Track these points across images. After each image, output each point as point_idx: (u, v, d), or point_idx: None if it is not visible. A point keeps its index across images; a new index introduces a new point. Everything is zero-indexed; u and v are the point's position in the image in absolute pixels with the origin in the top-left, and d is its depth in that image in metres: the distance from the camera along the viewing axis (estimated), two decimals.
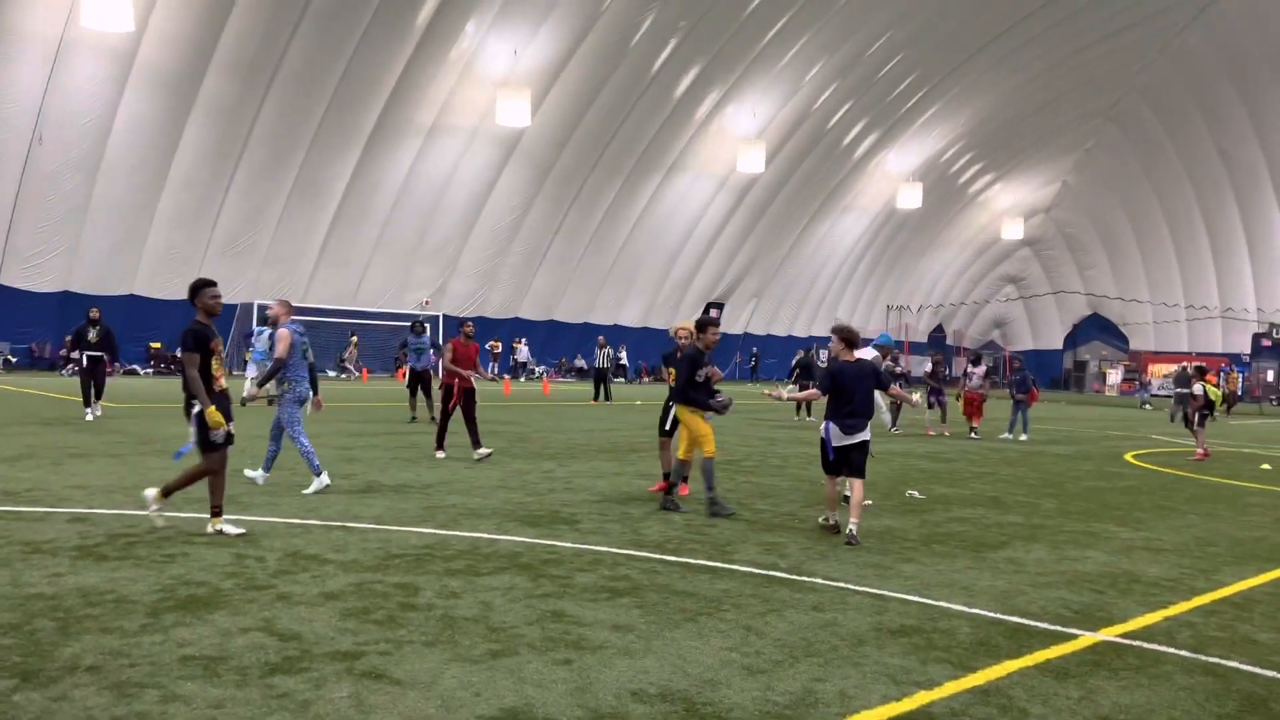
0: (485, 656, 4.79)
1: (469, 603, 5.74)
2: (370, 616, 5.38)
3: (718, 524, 8.71)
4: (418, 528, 7.96)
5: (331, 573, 6.33)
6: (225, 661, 4.57)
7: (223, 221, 35.32)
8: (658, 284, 48.72)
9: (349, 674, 4.47)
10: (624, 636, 5.21)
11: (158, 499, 7.49)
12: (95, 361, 16.51)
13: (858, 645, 5.22)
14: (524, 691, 4.35)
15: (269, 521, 7.98)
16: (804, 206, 50.70)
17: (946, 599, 6.30)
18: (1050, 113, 51.49)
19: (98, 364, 16.54)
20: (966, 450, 17.37)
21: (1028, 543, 8.43)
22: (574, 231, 44.06)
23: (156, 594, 5.66)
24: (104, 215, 32.76)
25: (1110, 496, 11.75)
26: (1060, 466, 15.10)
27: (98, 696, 4.09)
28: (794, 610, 5.86)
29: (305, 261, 38.01)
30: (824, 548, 7.81)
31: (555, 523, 8.43)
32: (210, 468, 7.42)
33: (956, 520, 9.46)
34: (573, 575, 6.53)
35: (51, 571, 6.10)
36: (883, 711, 4.27)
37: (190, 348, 7.41)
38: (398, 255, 39.92)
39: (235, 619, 5.23)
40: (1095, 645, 5.42)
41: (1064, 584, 6.90)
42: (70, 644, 4.73)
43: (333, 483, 9.90)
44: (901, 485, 11.92)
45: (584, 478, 11.39)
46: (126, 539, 7.10)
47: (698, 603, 5.95)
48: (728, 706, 4.26)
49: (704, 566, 6.96)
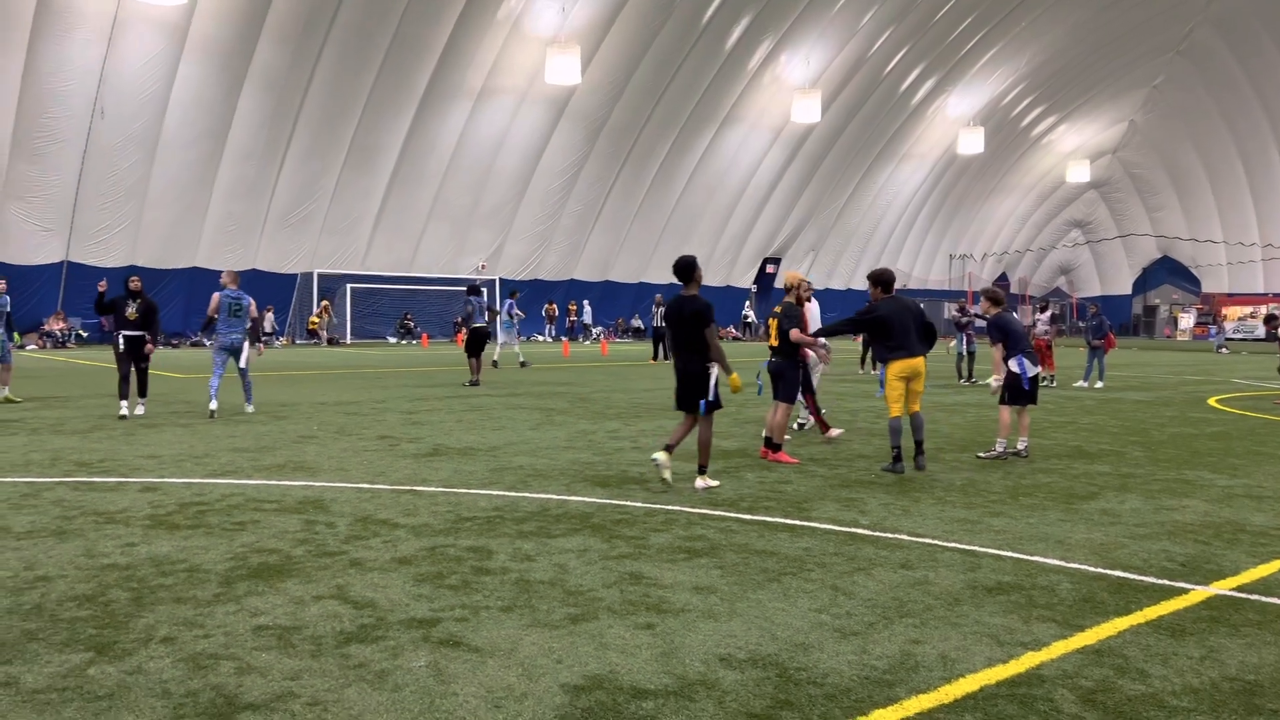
0: (564, 621, 4.61)
1: (543, 565, 5.57)
2: (444, 582, 5.23)
3: (792, 481, 8.45)
4: (486, 490, 7.83)
5: (403, 537, 6.20)
6: (299, 631, 4.45)
7: (280, 192, 35.56)
8: (713, 240, 48.16)
9: (426, 642, 4.32)
10: (706, 598, 5.00)
11: (700, 479, 8.04)
12: (136, 344, 12.93)
13: (953, 604, 4.95)
14: (607, 658, 4.16)
15: (337, 487, 7.90)
16: (861, 156, 49.64)
17: (1041, 553, 5.98)
18: (1116, 49, 49.61)
19: (139, 346, 12.94)
20: (1042, 399, 16.79)
21: (1120, 493, 8.05)
22: (627, 190, 43.64)
23: (228, 563, 5.58)
24: (164, 189, 33.17)
25: (1199, 443, 11.25)
26: (1141, 413, 14.55)
27: (173, 669, 3.98)
28: (882, 569, 5.60)
29: (362, 230, 38.17)
30: (905, 503, 7.52)
31: (625, 483, 8.24)
32: (711, 428, 8.15)
33: (1042, 471, 9.09)
34: (647, 536, 6.33)
35: (125, 541, 6.06)
36: (990, 674, 4.01)
37: (711, 320, 7.97)
38: (453, 220, 39.92)
39: (308, 587, 5.12)
40: (1209, 600, 5.08)
41: (1165, 535, 6.54)
42: (144, 615, 4.65)
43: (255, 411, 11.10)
44: (978, 437, 11.54)
45: (649, 437, 11.19)
46: (197, 507, 7.06)
47: (780, 562, 5.71)
48: (823, 671, 4.03)
49: (782, 525, 6.72)
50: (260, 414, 13.06)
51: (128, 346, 12.94)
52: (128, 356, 12.92)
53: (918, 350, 9.23)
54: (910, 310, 9.38)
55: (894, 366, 9.18)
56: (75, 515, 6.78)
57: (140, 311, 12.93)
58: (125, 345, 12.92)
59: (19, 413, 13.09)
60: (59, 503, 7.22)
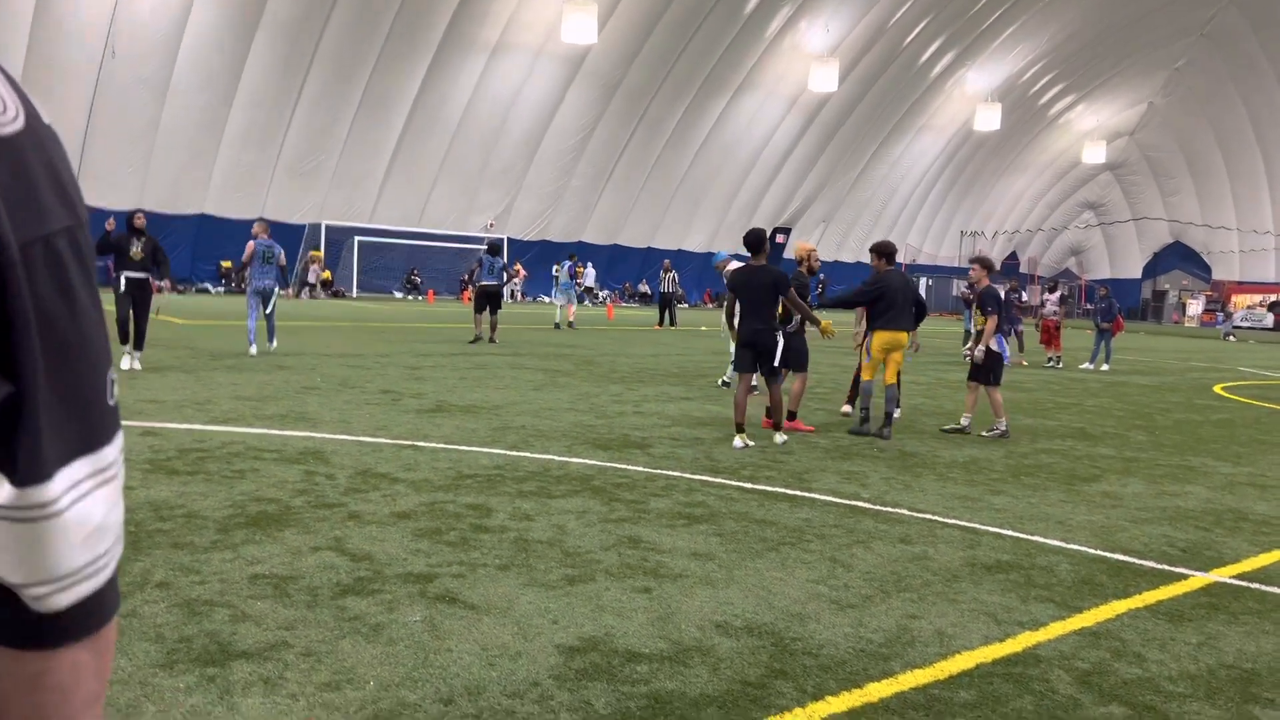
0: (561, 582, 4.60)
1: (542, 526, 5.56)
2: (443, 538, 5.22)
3: (794, 451, 8.43)
4: (488, 448, 7.81)
5: (402, 492, 6.19)
6: (296, 581, 4.44)
7: (290, 141, 35.35)
8: (723, 208, 47.92)
9: (422, 597, 4.31)
10: (704, 565, 4.98)
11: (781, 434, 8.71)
12: (138, 286, 11.96)
13: (952, 581, 4.93)
14: (603, 620, 4.15)
15: (338, 439, 7.89)
16: (877, 127, 49.23)
17: (1042, 533, 5.96)
18: (1139, 29, 48.99)
19: (142, 289, 12.00)
20: (1047, 380, 16.80)
21: (1122, 476, 8.01)
22: (639, 153, 43.35)
23: (227, 510, 5.57)
24: (174, 133, 32.97)
25: (1204, 430, 11.21)
26: (1147, 398, 14.49)
27: (167, 614, 3.98)
28: (881, 542, 5.58)
29: (371, 183, 37.99)
30: (907, 478, 7.49)
31: (626, 446, 8.21)
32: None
33: (1044, 451, 9.06)
34: (647, 500, 6.31)
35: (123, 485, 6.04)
36: (986, 652, 3.99)
37: (790, 285, 8.63)
38: (463, 177, 39.70)
39: (306, 537, 5.11)
40: (1208, 587, 5.06)
41: (1165, 520, 6.51)
42: (141, 559, 4.64)
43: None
44: (982, 414, 11.49)
45: (653, 402, 11.16)
46: (197, 453, 7.05)
47: (779, 532, 5.69)
48: (819, 643, 4.01)
49: (782, 495, 6.70)
50: (263, 363, 13.05)
51: (129, 288, 11.89)
52: (128, 299, 11.88)
53: (905, 325, 9.73)
54: (908, 285, 9.90)
55: (881, 336, 9.66)
56: None
57: (145, 251, 11.97)
58: (127, 287, 11.86)
59: None
60: None
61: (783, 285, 8.52)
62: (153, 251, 12.09)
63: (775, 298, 8.55)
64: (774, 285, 8.50)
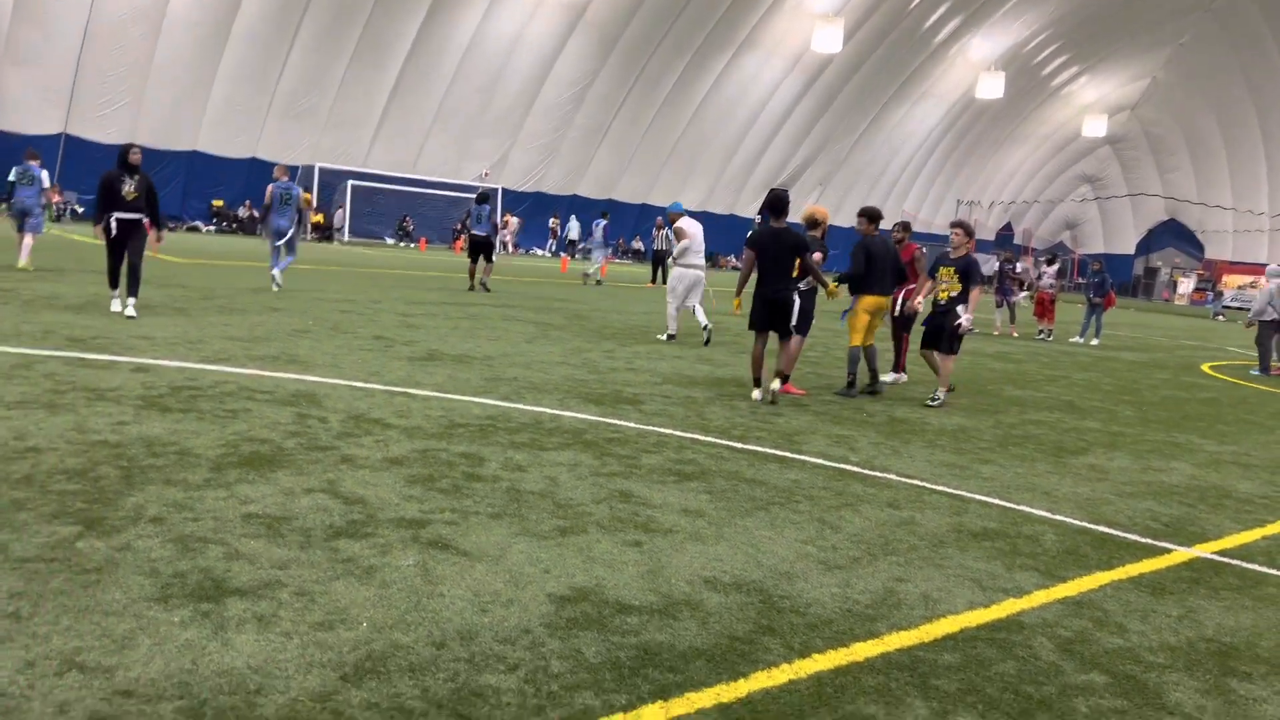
0: (553, 533, 4.63)
1: (535, 477, 5.58)
2: (435, 485, 5.24)
3: (784, 413, 8.47)
4: (480, 398, 7.82)
5: (395, 438, 6.20)
6: (289, 522, 4.46)
7: (284, 81, 34.92)
8: (720, 167, 47.66)
9: (415, 542, 4.34)
10: (694, 521, 5.02)
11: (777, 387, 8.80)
12: (131, 228, 10.95)
13: (938, 546, 4.98)
14: (594, 571, 4.18)
15: (331, 383, 7.88)
16: (879, 91, 48.89)
17: (1028, 503, 6.02)
18: (1145, 2, 48.59)
19: (134, 231, 10.98)
20: (1036, 352, 16.87)
21: (1109, 450, 8.09)
22: (637, 109, 42.98)
23: (219, 449, 5.57)
24: (168, 67, 32.51)
25: (1190, 407, 11.30)
26: (1134, 374, 14.58)
27: (161, 549, 3.99)
28: (869, 506, 5.63)
29: (366, 127, 37.61)
30: (895, 444, 7.54)
31: (618, 402, 8.23)
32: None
33: (1033, 423, 9.12)
34: (638, 456, 6.34)
35: (116, 420, 6.04)
36: (970, 617, 4.05)
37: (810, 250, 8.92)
38: (458, 125, 39.33)
39: (299, 479, 5.12)
40: (1191, 562, 5.13)
41: (1150, 495, 6.58)
42: (134, 493, 4.65)
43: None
44: (973, 384, 11.56)
45: (644, 359, 11.17)
46: (190, 392, 7.04)
47: (768, 492, 5.74)
48: (806, 602, 4.06)
49: (772, 455, 6.74)
50: (254, 304, 12.99)
51: (121, 231, 10.88)
52: (120, 242, 10.92)
53: (889, 289, 10.07)
54: (889, 250, 10.17)
55: (868, 300, 9.92)
56: (66, 390, 6.76)
57: (140, 190, 10.95)
58: (118, 229, 10.86)
59: (11, 283, 12.98)
60: (50, 376, 7.19)
61: (803, 248, 8.82)
62: (146, 191, 11.04)
63: (794, 259, 8.79)
64: (795, 247, 8.77)
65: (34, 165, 16.06)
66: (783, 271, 8.80)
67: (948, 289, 9.60)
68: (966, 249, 9.72)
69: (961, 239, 9.73)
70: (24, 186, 15.86)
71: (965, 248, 9.71)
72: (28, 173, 15.89)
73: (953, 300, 9.53)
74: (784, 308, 8.83)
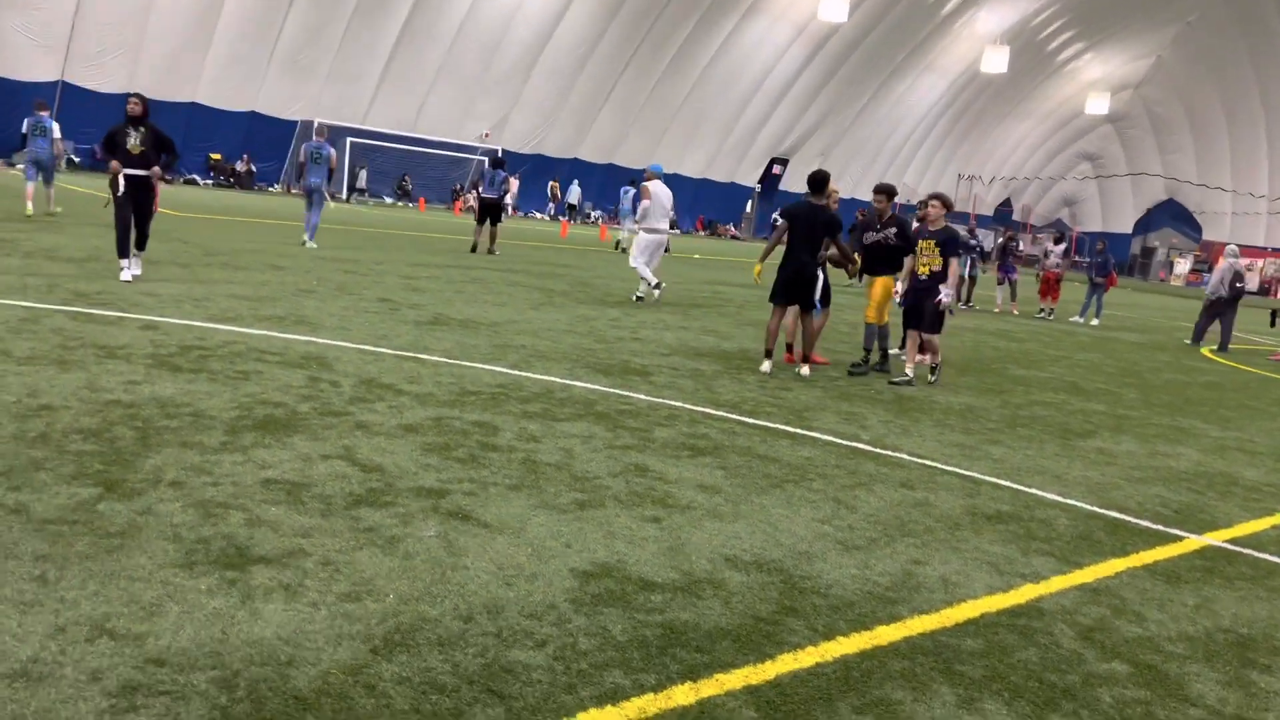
0: (572, 506, 4.62)
1: (549, 448, 5.57)
2: (452, 454, 5.22)
3: (792, 388, 8.46)
4: (489, 365, 7.79)
5: (407, 404, 6.18)
6: (308, 489, 4.44)
7: (286, 34, 34.46)
8: (722, 135, 47.33)
9: (435, 512, 4.33)
10: (711, 498, 5.02)
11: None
12: (139, 186, 10.13)
13: (954, 529, 4.99)
14: (615, 547, 4.18)
15: (340, 345, 7.84)
16: (884, 62, 48.49)
17: (1039, 486, 6.03)
18: None
19: (143, 190, 10.19)
20: (1037, 331, 16.88)
21: (1115, 433, 8.10)
22: (641, 73, 42.58)
23: (233, 411, 5.55)
24: (167, 16, 32.04)
25: (1192, 391, 11.32)
26: (1135, 355, 14.61)
27: (183, 514, 3.98)
28: (883, 486, 5.63)
29: (366, 84, 37.20)
30: (905, 422, 7.54)
31: (627, 373, 8.21)
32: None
33: (1039, 404, 9.13)
34: (651, 429, 6.33)
35: (127, 379, 6.00)
36: (991, 602, 4.06)
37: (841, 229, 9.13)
38: (460, 84, 38.91)
39: (315, 444, 5.10)
40: (1203, 550, 5.16)
41: (1159, 480, 6.61)
42: (151, 456, 4.62)
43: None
44: (977, 362, 11.57)
45: (650, 329, 11.15)
46: (199, 351, 6.99)
47: (782, 469, 5.74)
48: (827, 583, 4.07)
49: (783, 431, 6.74)
50: (256, 262, 12.90)
51: (129, 188, 10.02)
52: (129, 202, 10.01)
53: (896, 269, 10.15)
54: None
55: (888, 280, 9.98)
56: (75, 346, 6.71)
57: (146, 143, 10.11)
58: (125, 186, 9.98)
59: (11, 233, 12.86)
60: (58, 331, 7.14)
61: (834, 228, 9.02)
62: (155, 142, 10.21)
63: (823, 237, 8.98)
64: (827, 225, 8.98)
65: (45, 116, 16.42)
66: (811, 247, 8.96)
67: (928, 263, 9.32)
68: (942, 221, 9.45)
69: (937, 210, 9.46)
70: (38, 138, 16.10)
71: (940, 220, 9.44)
72: (40, 124, 16.12)
73: (934, 275, 9.27)
74: (808, 282, 8.96)
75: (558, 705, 2.89)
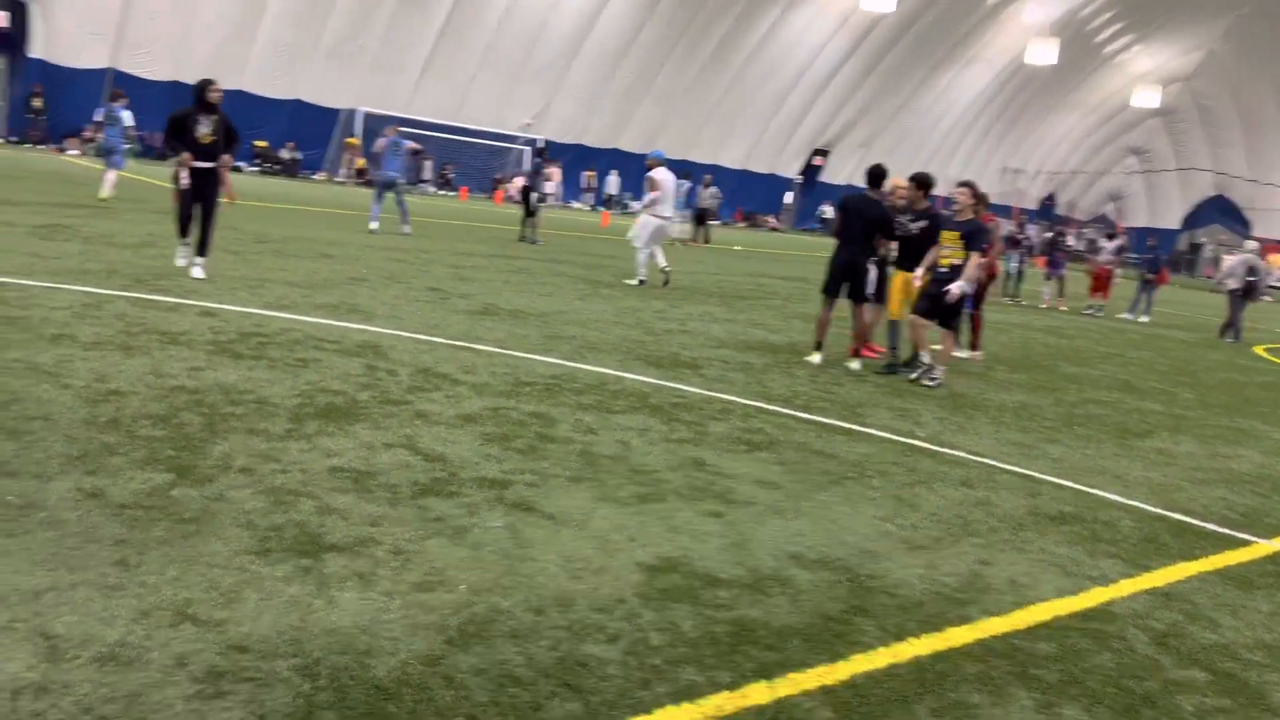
0: (633, 500, 4.62)
1: (607, 440, 5.57)
2: (511, 444, 5.24)
3: (844, 383, 8.40)
4: (542, 356, 7.81)
5: (465, 394, 6.20)
6: (374, 477, 4.47)
7: (332, 22, 34.68)
8: (763, 125, 47.01)
9: (500, 503, 4.34)
10: (771, 494, 5.00)
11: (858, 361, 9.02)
12: (206, 178, 9.48)
13: (1018, 529, 4.94)
14: (679, 542, 4.17)
15: (394, 334, 7.89)
16: (928, 53, 47.91)
17: (1100, 487, 5.95)
18: None
19: (209, 180, 9.52)
20: (1085, 328, 16.65)
21: (1174, 434, 7.98)
22: (682, 63, 42.38)
23: (295, 399, 5.60)
24: (215, 4, 32.35)
25: (1249, 391, 11.12)
26: (1188, 354, 14.36)
27: (254, 500, 4.02)
28: (943, 484, 5.58)
29: (410, 73, 37.34)
30: (960, 419, 7.47)
31: (678, 366, 8.20)
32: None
33: (1093, 402, 9.01)
34: (705, 423, 6.31)
35: (190, 365, 6.07)
36: (1061, 605, 4.01)
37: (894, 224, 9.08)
38: (503, 72, 38.95)
39: (377, 433, 5.14)
40: (1274, 555, 5.06)
41: (1222, 483, 6.49)
42: (219, 442, 4.68)
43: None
44: (1027, 359, 11.43)
45: (697, 321, 11.12)
46: (258, 338, 7.07)
47: (840, 465, 5.70)
48: (893, 583, 4.03)
49: (838, 427, 6.69)
50: (307, 250, 13.01)
51: (195, 180, 9.42)
52: (193, 194, 9.46)
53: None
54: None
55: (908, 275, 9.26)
56: (138, 332, 6.80)
57: (217, 133, 9.49)
58: (192, 178, 9.40)
59: (69, 219, 13.06)
60: (121, 317, 7.24)
61: (887, 224, 9.03)
62: (225, 133, 9.63)
63: (876, 231, 8.98)
64: (881, 219, 9.02)
65: (117, 106, 16.84)
66: (863, 239, 8.98)
67: (950, 255, 8.59)
68: (971, 213, 8.76)
69: (965, 199, 8.74)
70: (108, 126, 16.76)
71: (969, 212, 8.74)
72: (110, 113, 16.75)
73: (955, 268, 8.52)
74: (859, 275, 8.98)
75: (634, 701, 2.89)
